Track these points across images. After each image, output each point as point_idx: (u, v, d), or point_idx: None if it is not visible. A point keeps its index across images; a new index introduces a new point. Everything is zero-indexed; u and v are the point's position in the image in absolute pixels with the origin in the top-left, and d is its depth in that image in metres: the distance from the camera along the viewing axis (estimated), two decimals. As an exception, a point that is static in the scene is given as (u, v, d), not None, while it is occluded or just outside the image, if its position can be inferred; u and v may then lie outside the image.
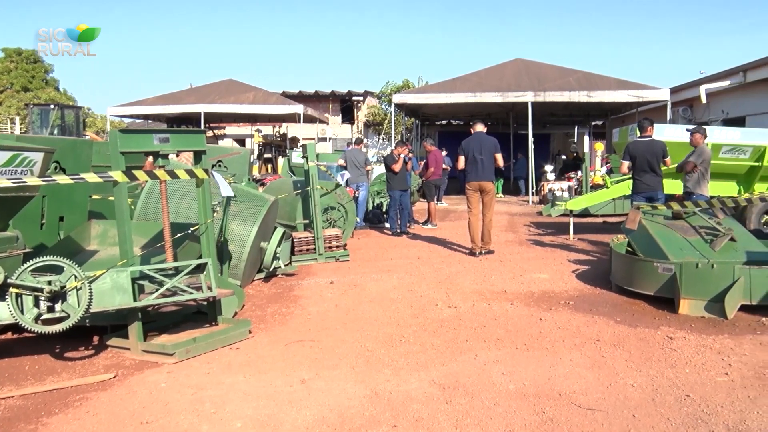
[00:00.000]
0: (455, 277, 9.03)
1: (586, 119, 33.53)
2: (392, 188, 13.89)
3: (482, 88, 23.01)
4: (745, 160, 12.86)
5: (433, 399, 4.60)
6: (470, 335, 6.18)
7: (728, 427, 4.10)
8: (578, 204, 13.53)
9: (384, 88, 41.91)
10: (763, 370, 5.13)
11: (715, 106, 24.58)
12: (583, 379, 4.97)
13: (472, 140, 10.76)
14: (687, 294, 6.89)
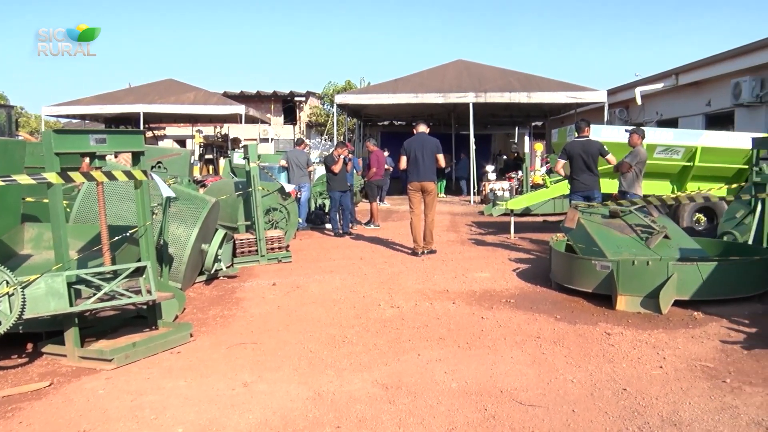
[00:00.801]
0: (398, 277, 9.07)
1: (527, 120, 34.07)
2: (332, 189, 13.87)
3: (424, 89, 23.15)
4: (678, 160, 13.25)
5: (376, 399, 4.62)
6: (413, 335, 6.22)
7: (662, 419, 4.22)
8: (519, 203, 13.74)
9: (326, 88, 41.79)
10: (695, 363, 5.30)
11: (649, 107, 25.24)
12: (524, 376, 5.05)
13: (414, 141, 10.82)
14: (624, 291, 7.07)
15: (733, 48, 19.13)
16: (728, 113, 20.18)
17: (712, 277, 7.00)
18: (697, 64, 21.32)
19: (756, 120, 18.73)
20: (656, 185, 13.22)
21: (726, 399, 4.53)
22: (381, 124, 35.98)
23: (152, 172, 10.14)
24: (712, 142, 13.31)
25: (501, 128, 36.52)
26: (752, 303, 7.16)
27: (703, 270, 7.03)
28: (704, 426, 4.10)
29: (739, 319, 6.57)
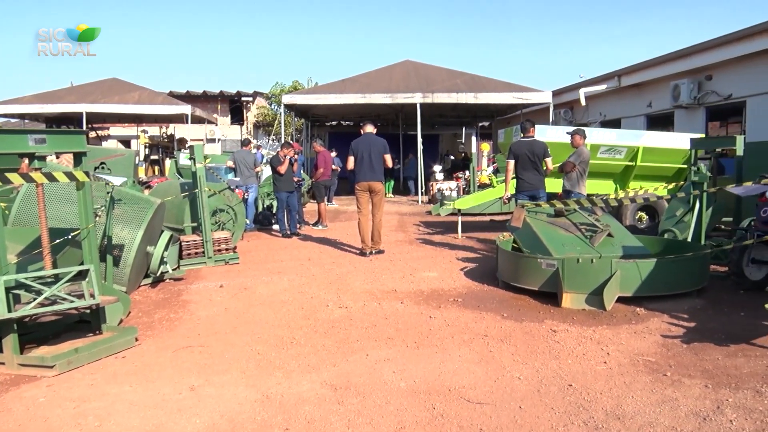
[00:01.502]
0: (346, 277, 9.07)
1: (473, 120, 34.40)
2: (279, 190, 13.78)
3: (371, 90, 23.19)
4: (621, 159, 13.55)
5: (325, 400, 4.61)
6: (361, 335, 6.22)
7: (606, 413, 4.31)
8: (466, 203, 13.85)
9: (274, 88, 41.56)
10: (638, 358, 5.43)
11: (593, 108, 25.73)
12: (472, 374, 5.10)
13: (361, 141, 10.84)
14: (569, 288, 7.20)
15: (672, 51, 19.66)
16: (668, 114, 20.70)
17: (653, 274, 7.18)
18: (638, 66, 21.84)
19: (694, 121, 19.27)
20: (600, 184, 13.50)
21: (666, 392, 4.66)
22: (329, 125, 35.94)
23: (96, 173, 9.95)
24: (653, 143, 13.65)
25: (448, 128, 36.80)
26: (691, 298, 7.37)
27: (644, 267, 7.21)
28: (646, 418, 4.20)
29: (679, 314, 6.76)
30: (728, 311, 6.92)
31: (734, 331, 6.11)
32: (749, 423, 4.11)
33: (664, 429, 4.05)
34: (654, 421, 4.16)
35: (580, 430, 4.07)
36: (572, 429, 4.08)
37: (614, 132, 14.56)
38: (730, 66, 17.64)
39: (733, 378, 4.92)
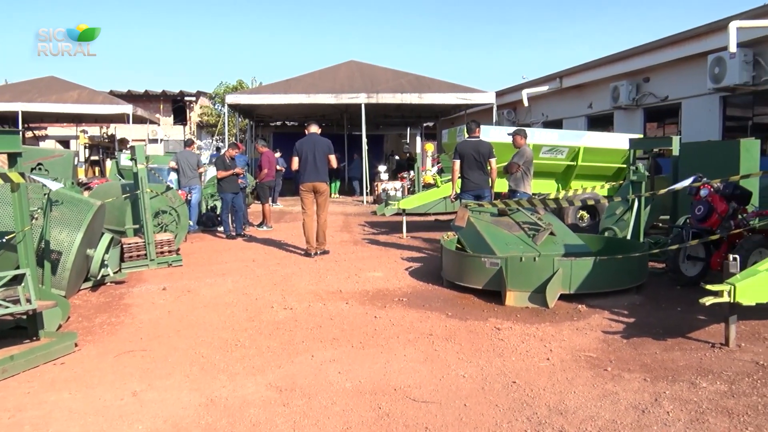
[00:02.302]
0: (291, 278, 9.02)
1: (418, 121, 34.59)
2: (224, 190, 13.63)
3: (316, 90, 23.11)
4: (563, 159, 13.80)
5: (270, 402, 4.58)
6: (306, 336, 6.20)
7: (549, 408, 4.39)
8: (410, 203, 13.92)
9: (217, 88, 41.11)
10: (580, 353, 5.53)
11: (536, 109, 26.15)
12: (417, 373, 5.13)
13: (305, 141, 10.79)
14: (512, 286, 7.29)
15: (612, 54, 20.12)
16: (608, 115, 21.16)
17: (594, 272, 7.33)
18: (579, 68, 22.29)
19: (633, 121, 19.74)
20: (543, 184, 13.72)
21: (607, 386, 4.76)
22: (273, 125, 35.70)
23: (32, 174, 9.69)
24: (594, 143, 13.95)
25: (393, 129, 36.94)
26: (631, 294, 7.55)
27: (586, 265, 7.35)
28: (588, 413, 4.28)
29: (619, 311, 6.91)
30: (665, 307, 7.11)
31: (671, 326, 6.28)
32: (684, 413, 4.24)
33: (605, 422, 4.13)
34: (595, 415, 4.25)
35: (523, 426, 4.12)
36: (516, 425, 4.14)
37: (556, 132, 14.83)
38: (666, 69, 18.14)
39: (670, 371, 5.06)
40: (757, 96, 15.36)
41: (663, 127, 19.97)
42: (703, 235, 7.72)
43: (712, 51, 15.35)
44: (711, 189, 8.01)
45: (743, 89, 15.18)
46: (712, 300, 5.26)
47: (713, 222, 7.87)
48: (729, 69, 14.74)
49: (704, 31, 15.87)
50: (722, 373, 4.98)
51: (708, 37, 15.76)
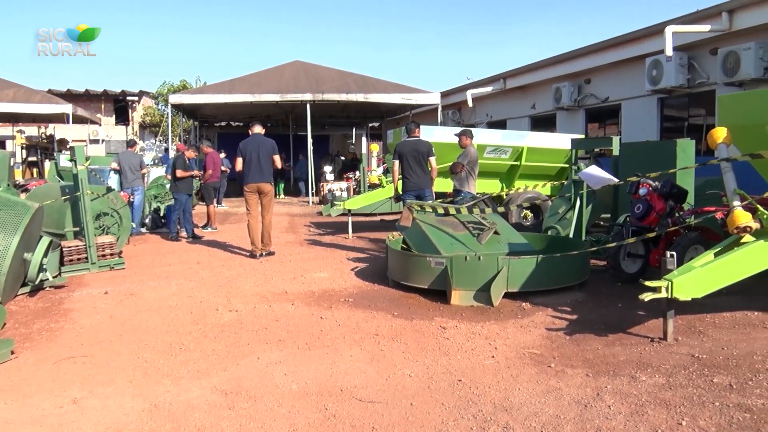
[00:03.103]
0: (236, 280, 8.94)
1: (364, 121, 34.59)
2: (179, 191, 13.41)
3: (261, 89, 22.90)
4: (506, 159, 13.97)
5: (215, 406, 4.53)
6: (252, 338, 6.15)
7: (495, 405, 4.44)
8: (356, 203, 13.93)
9: (160, 88, 40.38)
10: (524, 351, 5.61)
11: (480, 109, 26.43)
12: (364, 374, 5.13)
13: (249, 142, 10.71)
14: (457, 285, 7.35)
15: (554, 55, 20.46)
16: (551, 116, 21.52)
17: (538, 270, 7.44)
18: (522, 69, 22.60)
19: (574, 122, 20.12)
20: (487, 183, 13.87)
21: (551, 382, 4.84)
22: (218, 125, 35.26)
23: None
24: (537, 143, 14.17)
25: (339, 129, 36.87)
26: (574, 292, 7.69)
27: (529, 263, 7.46)
28: (532, 409, 4.35)
29: (563, 308, 7.03)
30: (607, 303, 7.26)
31: (612, 322, 6.42)
32: (625, 407, 4.34)
33: (548, 418, 4.20)
34: (539, 410, 4.32)
35: (469, 423, 4.16)
36: (462, 423, 4.17)
37: (500, 133, 15.03)
38: (606, 71, 18.55)
39: (611, 366, 5.17)
40: (692, 98, 15.84)
41: (604, 127, 20.41)
42: (642, 233, 7.91)
43: (650, 54, 15.77)
44: (649, 188, 8.22)
45: (679, 91, 15.64)
46: (650, 296, 5.39)
47: (652, 220, 8.08)
48: (666, 72, 15.17)
49: (642, 34, 16.28)
50: (660, 367, 5.12)
51: (646, 40, 16.18)
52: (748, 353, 5.43)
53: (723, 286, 5.76)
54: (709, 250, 6.06)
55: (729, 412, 4.24)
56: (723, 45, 13.95)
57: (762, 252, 5.73)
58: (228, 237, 13.39)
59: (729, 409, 4.28)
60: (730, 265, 5.70)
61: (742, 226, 5.70)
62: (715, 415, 4.19)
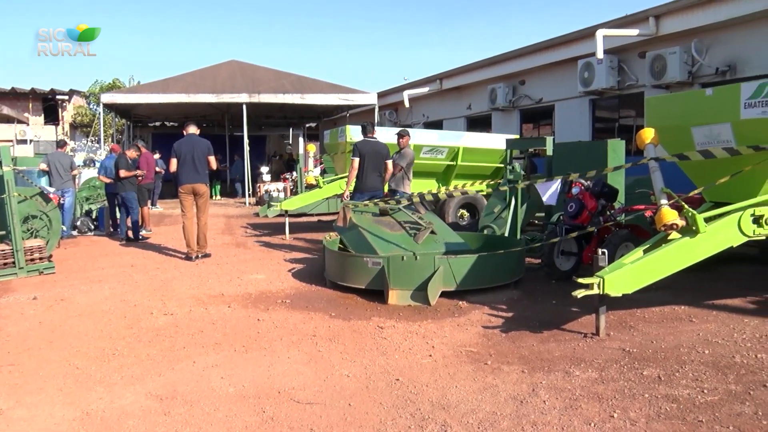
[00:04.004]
0: (171, 283, 8.78)
1: (301, 121, 34.45)
2: (128, 190, 13.17)
3: (196, 89, 22.58)
4: (443, 159, 14.09)
5: (150, 412, 4.44)
6: (188, 342, 6.05)
7: (432, 403, 4.47)
8: (293, 204, 13.85)
9: (92, 87, 39.31)
10: (461, 349, 5.67)
11: (417, 110, 26.60)
12: (301, 375, 5.10)
13: (184, 142, 10.56)
14: (395, 285, 7.38)
15: (489, 57, 20.72)
16: (486, 116, 21.80)
17: (474, 269, 7.52)
18: (458, 70, 22.84)
19: (509, 122, 20.43)
20: (424, 183, 13.95)
21: (488, 379, 4.90)
22: (152, 125, 34.56)
23: None
24: (472, 143, 14.34)
25: (275, 129, 36.59)
26: (509, 290, 7.81)
27: (466, 262, 7.54)
28: (469, 406, 4.40)
29: (499, 306, 7.13)
30: (542, 300, 7.40)
31: (547, 319, 6.54)
32: (559, 401, 4.43)
33: (485, 415, 4.25)
34: (476, 408, 4.37)
35: (407, 422, 4.18)
36: (400, 422, 4.19)
37: (436, 133, 15.17)
38: (540, 72, 18.90)
39: (546, 362, 5.27)
40: (622, 99, 16.27)
41: (538, 127, 20.79)
42: (575, 231, 8.08)
43: (581, 56, 16.13)
44: (582, 187, 8.41)
45: (610, 93, 16.04)
46: (583, 292, 5.51)
47: (584, 218, 8.26)
48: (597, 74, 15.55)
49: (574, 37, 16.64)
50: (593, 361, 5.24)
51: (578, 43, 16.54)
52: (675, 346, 5.62)
53: (652, 281, 5.93)
54: (639, 247, 6.22)
55: (657, 403, 4.38)
56: (651, 49, 14.37)
57: (687, 248, 5.92)
58: (163, 239, 13.15)
59: (657, 400, 4.41)
60: (658, 261, 5.87)
61: (669, 223, 5.87)
62: (644, 407, 4.31)
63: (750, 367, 5.06)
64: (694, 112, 6.65)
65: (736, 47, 12.97)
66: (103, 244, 12.83)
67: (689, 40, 13.55)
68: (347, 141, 13.12)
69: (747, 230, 6.08)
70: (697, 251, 5.98)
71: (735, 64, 12.96)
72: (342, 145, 13.63)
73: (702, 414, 4.19)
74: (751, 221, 6.07)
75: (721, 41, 13.21)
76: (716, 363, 5.18)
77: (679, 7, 13.55)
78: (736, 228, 6.06)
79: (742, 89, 5.97)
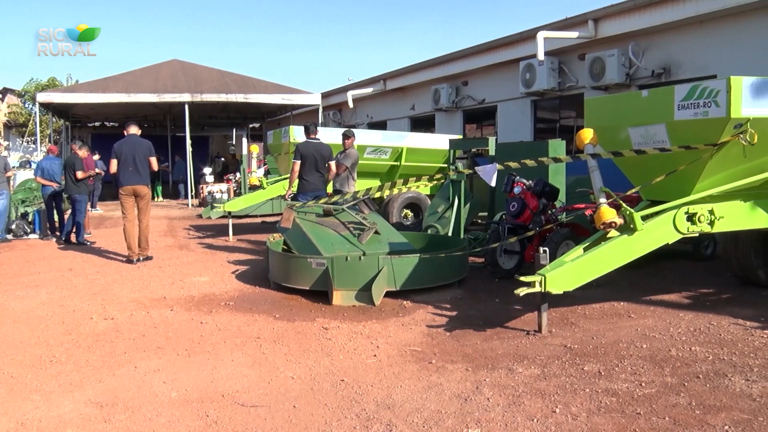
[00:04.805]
0: (111, 286, 8.60)
1: (244, 122, 34.14)
2: (81, 192, 12.86)
3: (137, 89, 22.17)
4: (386, 159, 14.14)
5: (90, 420, 4.33)
6: (129, 347, 5.93)
7: (378, 403, 4.48)
8: (236, 205, 13.73)
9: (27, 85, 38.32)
10: (405, 348, 5.70)
11: (361, 110, 26.62)
12: (246, 378, 5.06)
13: (125, 143, 10.36)
14: (339, 286, 7.37)
15: (433, 58, 20.89)
16: (430, 116, 21.95)
17: (418, 268, 7.56)
18: (402, 71, 22.95)
19: (453, 123, 20.61)
20: (367, 184, 13.94)
21: (432, 378, 4.94)
22: (91, 126, 33.81)
23: None
24: (416, 143, 14.42)
25: (218, 130, 36.20)
26: (453, 289, 7.88)
27: (410, 262, 7.58)
28: (414, 405, 4.42)
29: (443, 305, 7.19)
30: (485, 299, 7.49)
31: (490, 317, 6.63)
32: (503, 398, 4.49)
33: (430, 413, 4.28)
34: (421, 406, 4.39)
35: (352, 423, 4.18)
36: (345, 423, 4.19)
37: (380, 133, 15.21)
38: (483, 73, 19.11)
39: (489, 359, 5.33)
40: (563, 100, 16.58)
41: (481, 128, 21.03)
42: (518, 230, 8.20)
43: (523, 58, 16.37)
44: (523, 186, 8.54)
45: (551, 94, 16.32)
46: (525, 290, 5.60)
47: (526, 217, 8.39)
48: (538, 75, 15.81)
49: (516, 39, 16.88)
50: (536, 358, 5.33)
51: (520, 45, 16.78)
52: (615, 341, 5.75)
53: (592, 278, 6.05)
54: (579, 245, 6.35)
55: (598, 397, 4.48)
56: (590, 51, 14.67)
57: (626, 246, 6.05)
58: (103, 242, 12.87)
59: (598, 395, 4.52)
60: (598, 259, 6.00)
61: (607, 221, 5.99)
62: (585, 401, 4.41)
63: (685, 360, 5.23)
64: (631, 113, 6.81)
65: (670, 50, 13.34)
66: (40, 248, 12.48)
67: (627, 43, 13.88)
68: (291, 141, 13.05)
69: (682, 227, 6.25)
70: (635, 248, 6.12)
71: (669, 67, 13.33)
72: (285, 146, 13.55)
73: (640, 406, 4.30)
74: (685, 219, 6.24)
75: (657, 44, 13.57)
76: (653, 357, 5.33)
77: (616, 11, 13.88)
78: (671, 225, 6.23)
79: (676, 91, 6.14)
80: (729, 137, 5.79)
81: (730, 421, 4.06)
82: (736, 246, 7.68)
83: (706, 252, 9.56)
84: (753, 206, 6.55)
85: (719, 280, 8.24)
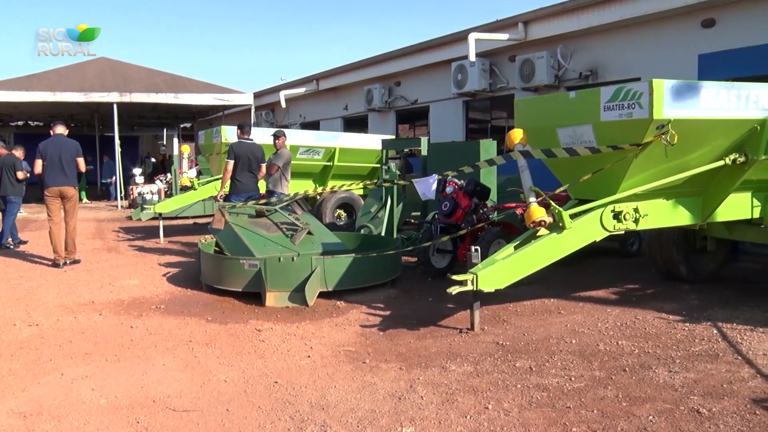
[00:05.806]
0: (36, 291, 8.34)
1: (175, 122, 33.55)
2: (18, 194, 12.49)
3: (62, 87, 21.53)
4: (319, 160, 14.12)
5: (12, 431, 4.19)
6: (55, 353, 5.76)
7: (312, 404, 4.47)
8: (167, 206, 13.50)
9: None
10: (339, 349, 5.71)
11: (294, 110, 26.48)
12: (177, 382, 4.98)
13: (50, 143, 10.07)
14: (272, 287, 7.33)
15: (366, 58, 20.91)
16: (363, 117, 21.98)
17: (351, 269, 7.58)
18: (335, 71, 22.92)
19: (386, 123, 20.68)
20: (301, 184, 13.90)
21: (366, 378, 4.96)
22: (14, 125, 32.69)
23: None
24: (349, 143, 14.44)
25: (148, 129, 35.50)
26: (386, 288, 7.93)
27: (343, 262, 7.59)
28: (348, 405, 4.43)
29: (376, 304, 7.23)
30: (418, 298, 7.55)
31: (424, 316, 6.69)
32: (437, 396, 4.54)
33: (364, 413, 4.30)
34: (356, 406, 4.40)
35: (286, 424, 4.16)
36: (279, 425, 4.17)
37: (312, 133, 15.17)
38: (415, 74, 19.23)
39: (423, 358, 5.38)
40: (494, 101, 16.83)
41: (414, 128, 21.16)
42: (450, 229, 8.29)
43: (455, 59, 16.52)
44: (455, 186, 8.64)
45: (482, 95, 16.55)
46: (458, 289, 5.66)
47: (458, 217, 8.49)
48: (470, 76, 15.99)
49: (448, 40, 17.04)
50: (469, 356, 5.40)
51: (451, 46, 16.94)
52: (546, 337, 5.89)
53: (523, 276, 6.16)
54: (510, 244, 6.45)
55: (529, 392, 4.57)
56: (520, 53, 14.91)
57: (555, 244, 6.18)
58: (28, 246, 12.45)
59: (529, 390, 4.61)
60: (528, 256, 6.11)
61: (537, 220, 6.11)
62: (517, 397, 4.50)
63: (612, 354, 5.39)
64: (559, 113, 6.95)
65: (597, 53, 13.69)
66: None
67: (555, 46, 14.17)
68: (222, 142, 12.91)
69: (608, 225, 6.42)
70: (564, 246, 6.26)
71: (596, 69, 13.67)
72: (217, 146, 13.39)
73: (570, 400, 4.41)
74: (611, 217, 6.41)
75: (585, 47, 13.90)
76: (582, 351, 5.47)
77: (545, 14, 14.15)
78: (598, 223, 6.39)
79: (602, 93, 6.30)
80: (652, 137, 5.97)
81: (654, 411, 4.21)
82: (660, 243, 7.97)
83: (631, 249, 9.87)
84: (675, 204, 6.78)
85: (644, 275, 8.52)
